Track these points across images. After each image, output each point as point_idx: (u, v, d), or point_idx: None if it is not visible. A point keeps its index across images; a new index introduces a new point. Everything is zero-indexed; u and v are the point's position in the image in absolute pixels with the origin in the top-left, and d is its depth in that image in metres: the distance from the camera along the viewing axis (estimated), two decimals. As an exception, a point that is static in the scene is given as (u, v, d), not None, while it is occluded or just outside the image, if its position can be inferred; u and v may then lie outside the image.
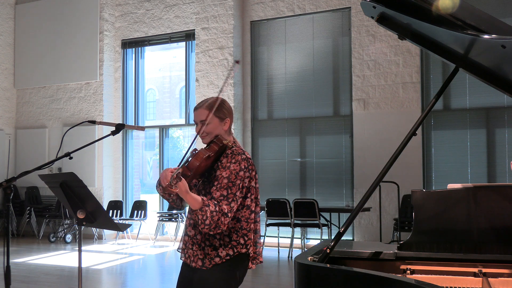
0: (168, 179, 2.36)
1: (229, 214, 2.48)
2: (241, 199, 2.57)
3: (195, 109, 2.71)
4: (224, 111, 2.67)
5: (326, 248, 2.51)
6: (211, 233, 2.49)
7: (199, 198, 2.44)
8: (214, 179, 2.57)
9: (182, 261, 2.75)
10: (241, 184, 2.55)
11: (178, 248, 2.78)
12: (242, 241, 2.58)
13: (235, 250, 2.57)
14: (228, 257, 2.56)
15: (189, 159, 2.51)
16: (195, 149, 2.57)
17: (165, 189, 2.42)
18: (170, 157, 11.29)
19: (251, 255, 2.64)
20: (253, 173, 2.63)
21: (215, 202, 2.48)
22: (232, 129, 2.81)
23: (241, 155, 2.59)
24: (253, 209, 2.64)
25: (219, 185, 2.52)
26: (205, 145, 2.67)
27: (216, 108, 2.62)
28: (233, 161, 2.56)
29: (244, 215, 2.60)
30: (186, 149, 2.57)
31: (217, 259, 2.55)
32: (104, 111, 11.01)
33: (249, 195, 2.62)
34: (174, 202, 2.78)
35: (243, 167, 2.56)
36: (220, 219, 2.45)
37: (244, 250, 2.59)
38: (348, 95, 9.26)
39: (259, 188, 2.71)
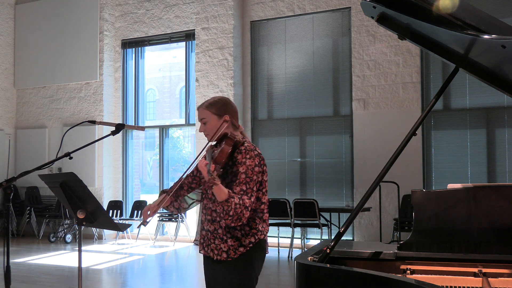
0: (205, 172, 2.50)
1: (249, 208, 2.61)
2: (256, 192, 2.70)
3: (197, 108, 2.86)
4: (222, 108, 2.78)
5: (326, 248, 2.51)
6: (233, 224, 2.60)
7: (226, 190, 2.55)
8: (230, 174, 2.70)
9: (200, 255, 2.92)
10: (256, 179, 2.68)
11: (195, 240, 2.92)
12: (260, 228, 2.75)
13: (256, 237, 2.72)
14: (251, 245, 2.70)
15: (214, 155, 2.63)
16: (213, 146, 2.73)
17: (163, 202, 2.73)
18: (170, 157, 11.29)
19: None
20: (264, 167, 2.78)
21: (238, 196, 2.59)
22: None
23: (253, 151, 2.72)
24: (264, 200, 2.80)
25: (238, 181, 2.64)
26: (210, 142, 2.82)
27: (211, 106, 2.79)
28: (248, 156, 2.69)
29: (257, 206, 2.75)
30: (203, 147, 2.79)
31: (241, 249, 2.69)
32: (104, 111, 11.01)
33: (261, 188, 2.76)
34: (177, 209, 2.94)
35: (257, 162, 2.70)
36: (243, 211, 2.57)
37: (263, 236, 2.76)
38: (348, 95, 9.26)
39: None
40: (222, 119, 2.76)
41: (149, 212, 2.76)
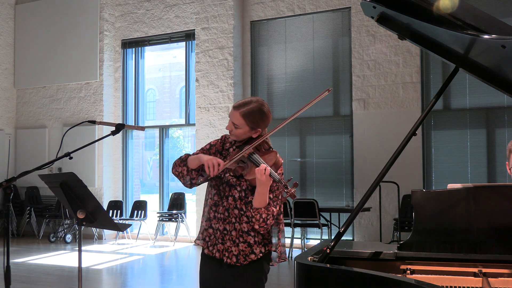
0: (268, 179, 2.43)
1: (275, 217, 2.59)
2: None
3: (234, 107, 2.69)
4: (257, 122, 2.67)
5: (326, 248, 2.51)
6: (262, 232, 2.59)
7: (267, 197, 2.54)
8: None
9: (201, 254, 2.77)
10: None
11: (196, 239, 2.79)
12: (271, 240, 2.68)
13: (266, 248, 2.66)
14: (261, 254, 2.64)
15: (267, 162, 2.53)
16: (253, 150, 2.59)
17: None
18: (170, 157, 11.29)
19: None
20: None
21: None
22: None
23: (280, 159, 2.64)
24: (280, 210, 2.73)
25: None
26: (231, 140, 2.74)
27: (247, 116, 2.64)
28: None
29: None
30: (247, 147, 2.60)
31: (252, 256, 2.63)
32: (104, 111, 11.01)
33: None
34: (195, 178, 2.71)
35: (282, 171, 2.67)
36: (272, 221, 2.58)
37: (273, 249, 2.69)
38: (348, 95, 9.26)
39: None
40: (253, 131, 2.68)
41: (217, 169, 2.49)
